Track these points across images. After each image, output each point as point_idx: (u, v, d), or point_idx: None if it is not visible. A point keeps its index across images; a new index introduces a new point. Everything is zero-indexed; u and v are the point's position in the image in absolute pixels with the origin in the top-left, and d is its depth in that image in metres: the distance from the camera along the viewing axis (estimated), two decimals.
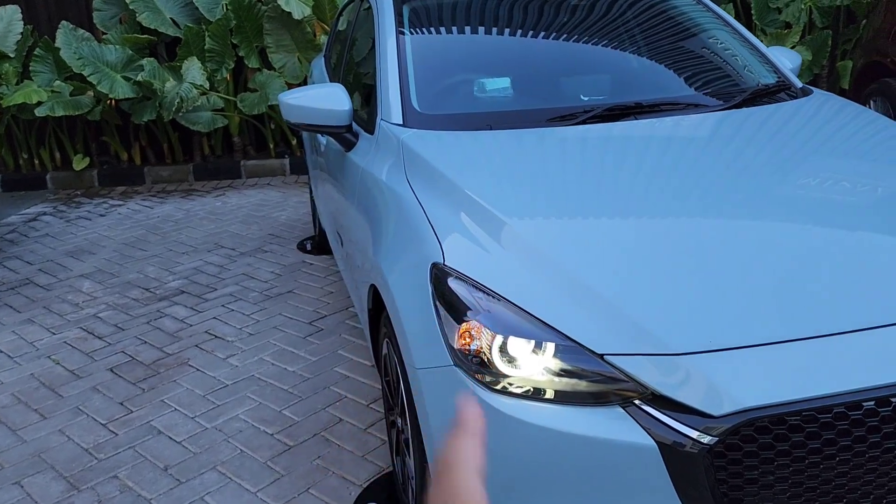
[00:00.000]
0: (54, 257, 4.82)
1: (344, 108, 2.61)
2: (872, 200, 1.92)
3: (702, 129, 2.33)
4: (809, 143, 2.24)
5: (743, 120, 2.40)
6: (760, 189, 1.95)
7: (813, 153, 2.18)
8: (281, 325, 3.64)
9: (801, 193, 1.94)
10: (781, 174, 2.04)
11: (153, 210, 5.76)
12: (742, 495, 1.49)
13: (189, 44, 6.07)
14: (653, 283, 1.65)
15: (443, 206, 2.00)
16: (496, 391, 1.61)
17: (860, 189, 1.97)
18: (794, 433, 1.46)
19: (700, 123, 2.38)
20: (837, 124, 2.38)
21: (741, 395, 1.45)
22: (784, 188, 1.97)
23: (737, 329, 1.53)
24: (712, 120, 2.40)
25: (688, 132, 2.31)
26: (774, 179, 2.01)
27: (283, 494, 2.43)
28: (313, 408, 2.91)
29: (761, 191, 1.94)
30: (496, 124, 2.37)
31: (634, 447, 1.49)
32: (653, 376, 1.50)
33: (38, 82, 6.13)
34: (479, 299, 1.69)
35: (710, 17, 3.03)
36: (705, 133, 2.31)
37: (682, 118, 2.41)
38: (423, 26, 2.87)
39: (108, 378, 3.24)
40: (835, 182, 1.99)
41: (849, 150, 2.23)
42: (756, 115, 2.45)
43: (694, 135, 2.30)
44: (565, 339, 1.58)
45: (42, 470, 2.63)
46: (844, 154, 2.20)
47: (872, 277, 1.64)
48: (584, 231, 1.83)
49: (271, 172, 6.53)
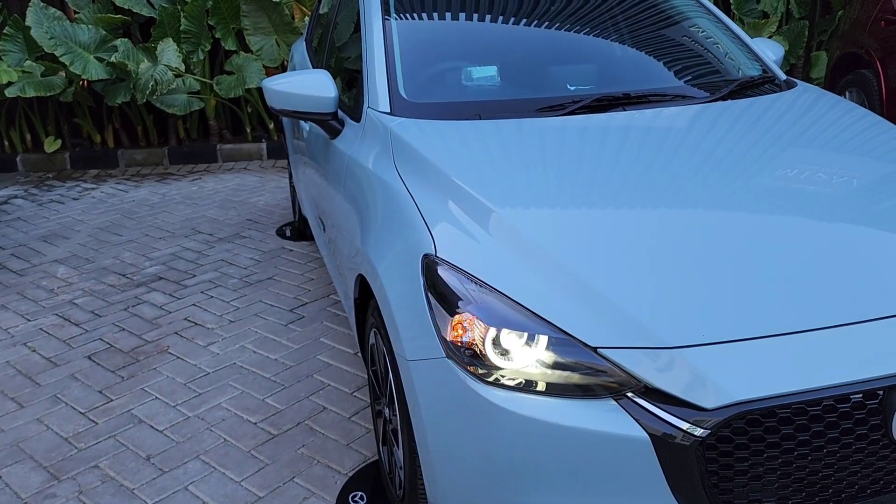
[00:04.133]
0: (27, 242, 4.72)
1: (330, 95, 2.58)
2: (863, 194, 1.94)
3: (690, 121, 2.34)
4: (795, 135, 2.26)
5: (730, 112, 2.42)
6: (750, 182, 1.97)
7: (800, 146, 2.20)
8: (262, 312, 3.61)
9: (789, 186, 1.96)
10: (770, 167, 2.06)
11: (128, 194, 5.67)
12: (732, 486, 1.52)
13: (164, 24, 5.96)
14: (645, 275, 1.66)
15: (433, 196, 1.99)
16: (489, 383, 1.61)
17: (851, 183, 1.99)
18: (784, 426, 1.48)
19: (688, 115, 2.39)
20: (823, 117, 2.40)
21: (733, 388, 1.47)
22: (773, 181, 1.98)
23: (729, 323, 1.55)
24: (700, 111, 2.42)
25: (676, 123, 2.32)
26: (764, 172, 2.02)
27: (268, 483, 2.42)
28: (297, 396, 2.89)
29: (751, 184, 1.96)
30: (486, 114, 2.36)
31: (627, 439, 1.50)
32: (646, 369, 1.51)
33: (8, 62, 5.98)
34: (472, 290, 1.68)
35: (696, 8, 3.04)
36: (693, 125, 2.32)
37: (670, 109, 2.42)
38: (410, 12, 2.84)
39: (87, 366, 3.19)
40: (824, 175, 2.02)
41: (836, 143, 2.26)
42: (743, 107, 2.47)
43: (682, 126, 2.31)
44: (558, 332, 1.59)
45: (20, 460, 2.59)
46: (833, 147, 2.22)
47: (862, 272, 1.66)
48: (576, 223, 1.83)
49: (248, 157, 6.46)
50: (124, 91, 5.98)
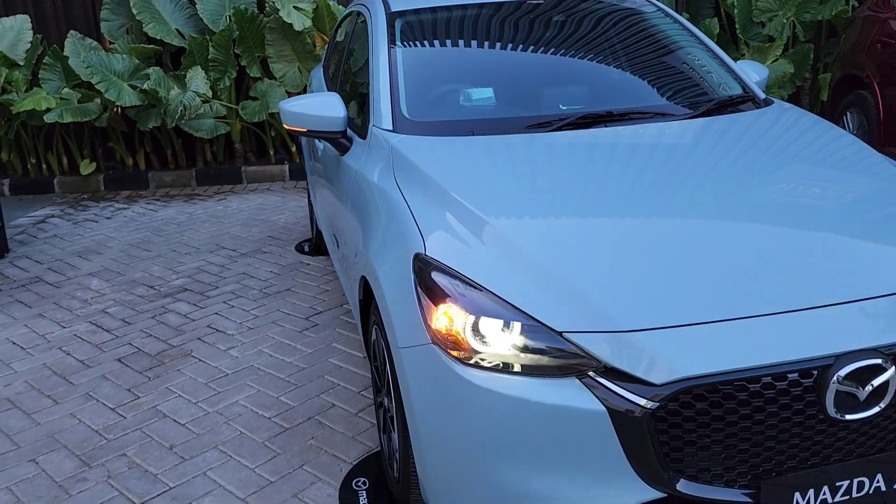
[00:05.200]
0: (63, 257, 5.02)
1: (339, 115, 2.83)
2: (812, 201, 2.12)
3: (666, 136, 2.55)
4: (762, 149, 2.45)
5: (705, 127, 2.61)
6: (712, 190, 2.16)
7: (764, 158, 2.39)
8: (279, 320, 3.84)
9: (747, 193, 2.15)
10: (732, 176, 2.25)
11: (157, 213, 5.97)
12: (682, 456, 1.70)
13: (193, 53, 6.30)
14: (610, 270, 1.86)
15: (427, 204, 2.21)
16: (469, 365, 1.82)
17: (804, 190, 2.18)
18: (727, 401, 1.67)
19: (665, 130, 2.59)
20: (791, 133, 2.59)
21: (679, 366, 1.66)
22: (733, 189, 2.18)
23: (679, 310, 1.74)
24: (677, 127, 2.62)
25: (653, 138, 2.53)
26: (725, 181, 2.22)
27: (279, 470, 2.63)
28: (308, 394, 3.11)
29: (712, 191, 2.16)
30: (478, 130, 2.59)
31: (588, 413, 1.69)
32: (604, 351, 1.71)
33: (47, 90, 6.36)
34: (455, 285, 1.89)
35: (681, 32, 3.25)
36: (669, 139, 2.52)
37: (649, 125, 2.62)
38: (414, 40, 3.09)
39: (116, 367, 3.44)
40: (782, 184, 2.20)
41: (800, 155, 2.44)
42: (718, 122, 2.66)
43: (658, 140, 2.51)
44: (530, 319, 1.79)
45: (55, 449, 2.83)
46: (796, 159, 2.41)
47: (801, 268, 1.85)
48: (551, 224, 2.04)
49: (271, 178, 6.74)
50: (155, 116, 6.31)
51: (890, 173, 2.32)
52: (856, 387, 1.69)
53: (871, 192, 2.20)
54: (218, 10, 6.43)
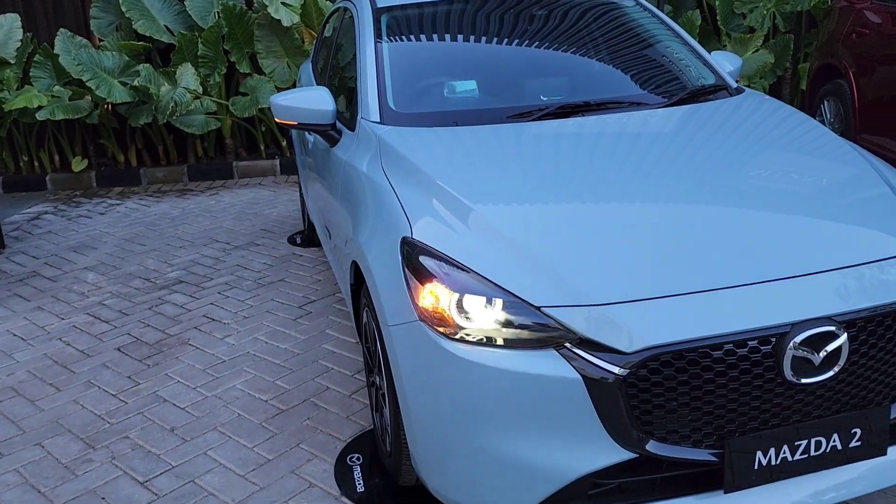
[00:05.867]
0: (58, 252, 5.12)
1: (328, 108, 2.94)
2: (769, 184, 2.26)
3: (640, 124, 2.68)
4: (729, 135, 2.58)
5: (677, 115, 2.74)
6: (678, 174, 2.29)
7: (730, 143, 2.52)
8: (273, 309, 3.96)
9: (712, 178, 2.28)
10: (699, 161, 2.38)
11: (150, 209, 6.07)
12: (652, 419, 1.83)
13: (183, 50, 6.39)
14: (584, 249, 1.99)
15: (413, 191, 2.33)
16: (454, 340, 1.94)
17: (761, 174, 2.31)
18: (692, 367, 1.80)
19: (639, 119, 2.72)
20: (755, 120, 2.72)
21: (647, 335, 1.78)
22: (699, 173, 2.31)
23: (647, 284, 1.87)
24: (651, 115, 2.74)
25: (627, 127, 2.65)
26: (692, 165, 2.35)
27: (276, 448, 2.75)
28: (303, 378, 3.23)
29: (678, 175, 2.29)
30: (461, 121, 2.71)
31: (565, 380, 1.82)
32: (579, 323, 1.83)
33: (39, 87, 6.43)
34: (441, 266, 2.02)
35: (658, 25, 3.38)
36: (643, 127, 2.65)
37: (624, 114, 2.75)
38: (399, 34, 3.20)
39: (116, 356, 3.55)
40: (746, 168, 2.34)
41: (765, 140, 2.58)
42: (690, 111, 2.79)
43: (632, 129, 2.64)
44: (510, 296, 1.91)
45: (60, 433, 2.94)
46: (761, 144, 2.54)
47: (757, 244, 1.98)
48: (530, 208, 2.16)
49: (262, 173, 6.84)
50: (146, 113, 6.40)
51: (849, 158, 2.45)
52: (811, 352, 1.82)
53: (830, 175, 2.33)
54: (206, 7, 6.52)
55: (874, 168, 2.41)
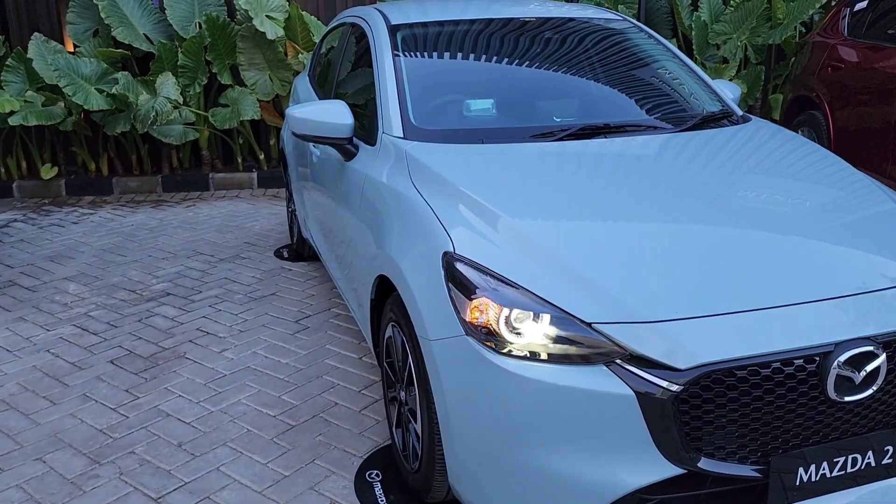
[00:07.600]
0: (34, 261, 4.96)
1: (347, 122, 2.94)
2: (800, 208, 2.34)
3: (660, 147, 2.74)
4: (748, 161, 2.67)
5: (695, 140, 2.82)
6: (713, 195, 2.36)
7: (751, 170, 2.61)
8: (269, 323, 3.90)
9: (742, 201, 2.35)
10: (727, 185, 2.45)
11: (126, 219, 5.93)
12: (701, 434, 1.86)
13: (162, 59, 6.29)
14: (628, 266, 2.02)
15: (447, 204, 2.35)
16: (502, 354, 1.95)
17: (790, 199, 2.39)
18: (741, 384, 1.84)
19: (658, 142, 2.79)
20: (771, 147, 2.82)
21: (700, 352, 1.82)
22: (732, 197, 2.38)
23: (698, 301, 1.91)
24: (668, 139, 2.82)
25: (649, 149, 2.72)
26: (724, 189, 2.42)
27: (291, 465, 2.70)
28: (309, 393, 3.19)
29: (714, 197, 2.35)
30: (487, 139, 2.74)
31: (617, 396, 1.84)
32: (630, 340, 1.86)
33: (10, 92, 6.25)
34: (487, 280, 2.03)
35: (664, 53, 3.47)
36: (663, 150, 2.72)
37: (647, 137, 2.82)
38: (414, 51, 3.22)
39: (110, 369, 3.45)
40: (770, 193, 2.42)
41: (781, 168, 2.67)
42: (704, 136, 2.87)
43: (654, 151, 2.70)
44: (559, 311, 1.93)
45: (61, 448, 2.84)
46: (777, 171, 2.64)
47: (799, 266, 2.05)
48: (569, 225, 2.20)
49: (239, 185, 6.76)
50: (124, 121, 6.27)
51: (866, 185, 2.57)
52: (852, 371, 1.88)
53: (858, 202, 2.44)
54: (188, 17, 6.44)
55: (887, 195, 2.52)
